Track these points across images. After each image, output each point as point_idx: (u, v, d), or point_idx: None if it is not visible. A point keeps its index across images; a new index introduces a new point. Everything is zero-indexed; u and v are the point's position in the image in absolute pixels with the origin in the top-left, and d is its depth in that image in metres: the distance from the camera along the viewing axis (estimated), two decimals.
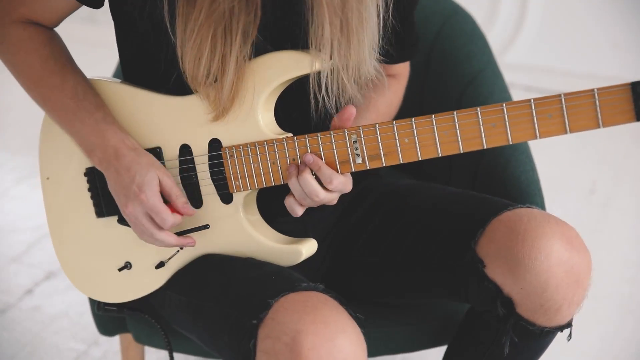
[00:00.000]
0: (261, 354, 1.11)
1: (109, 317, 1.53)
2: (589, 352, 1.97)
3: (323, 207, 1.34)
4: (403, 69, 1.45)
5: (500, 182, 1.51)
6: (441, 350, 1.46)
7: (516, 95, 3.08)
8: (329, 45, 1.18)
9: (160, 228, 1.22)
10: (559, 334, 1.30)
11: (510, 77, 2.04)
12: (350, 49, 1.19)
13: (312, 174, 1.19)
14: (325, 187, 1.19)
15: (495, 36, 3.29)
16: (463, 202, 1.36)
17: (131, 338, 1.58)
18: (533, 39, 3.30)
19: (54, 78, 1.29)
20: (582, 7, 3.18)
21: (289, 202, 1.22)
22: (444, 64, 1.71)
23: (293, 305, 1.12)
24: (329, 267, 1.40)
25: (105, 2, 1.27)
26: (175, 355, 1.63)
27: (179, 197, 1.23)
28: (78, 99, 1.28)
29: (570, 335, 1.34)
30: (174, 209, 1.22)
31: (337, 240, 1.41)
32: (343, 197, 1.39)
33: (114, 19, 1.30)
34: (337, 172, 1.19)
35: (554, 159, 2.79)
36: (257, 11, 1.16)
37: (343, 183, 1.20)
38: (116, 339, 2.00)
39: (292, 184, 1.20)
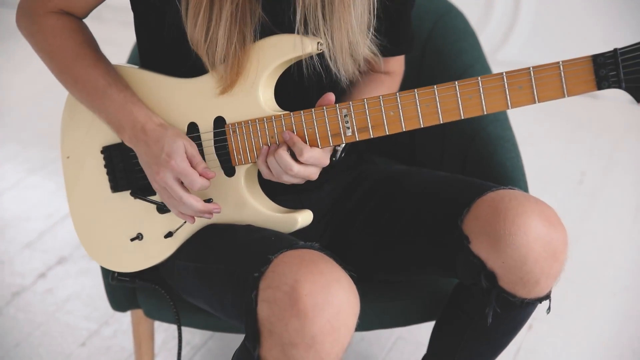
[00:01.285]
0: (262, 303, 1.18)
1: (122, 291, 1.60)
2: (573, 333, 2.04)
3: (321, 187, 1.44)
4: (398, 67, 1.53)
5: (488, 168, 1.58)
6: (430, 330, 1.54)
7: None
8: (315, 28, 1.26)
9: (188, 193, 1.30)
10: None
11: None
12: (338, 30, 1.27)
13: (288, 150, 1.27)
14: (298, 160, 1.27)
15: (489, 33, 3.33)
16: (451, 184, 1.43)
17: (142, 314, 1.66)
18: (526, 36, 3.33)
19: (87, 59, 1.38)
20: (574, 5, 3.22)
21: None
22: (437, 58, 1.77)
23: (291, 260, 1.20)
24: (326, 246, 1.46)
25: None
26: (183, 329, 1.72)
27: (200, 163, 1.30)
28: (108, 78, 1.36)
29: (549, 308, 1.42)
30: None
31: (335, 221, 1.49)
32: (340, 181, 1.49)
33: (133, 11, 1.39)
34: (318, 147, 1.27)
35: (545, 152, 2.86)
36: None
37: (316, 157, 1.27)
38: (125, 319, 2.08)
39: (270, 162, 1.28)
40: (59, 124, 1.48)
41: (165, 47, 1.37)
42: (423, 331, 1.85)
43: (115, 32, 1.46)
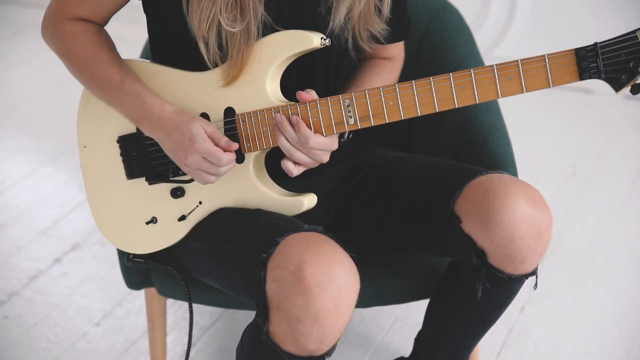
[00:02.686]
0: (270, 282, 1.27)
1: (136, 271, 1.67)
2: (563, 315, 2.10)
3: (323, 172, 1.51)
4: (398, 52, 1.60)
5: (479, 154, 1.64)
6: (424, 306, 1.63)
7: None
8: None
9: (222, 152, 1.36)
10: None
11: None
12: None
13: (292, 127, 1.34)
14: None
15: (486, 31, 3.37)
16: (444, 169, 1.50)
17: (155, 292, 1.73)
18: (522, 34, 3.36)
19: (102, 59, 1.45)
20: (567, 3, 3.26)
21: (283, 162, 1.37)
22: (433, 53, 1.84)
23: (297, 242, 1.28)
24: (328, 226, 1.54)
25: None
26: (194, 306, 1.81)
27: (221, 138, 1.36)
28: (122, 75, 1.44)
29: (536, 284, 1.50)
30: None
31: (336, 204, 1.56)
32: (341, 167, 1.56)
33: (145, 12, 1.47)
34: (323, 135, 1.34)
35: (539, 144, 2.90)
36: None
37: (323, 143, 1.34)
38: (137, 300, 2.17)
39: (281, 142, 1.35)
40: (70, 117, 1.54)
41: (175, 42, 1.44)
42: (420, 313, 1.93)
43: (126, 29, 1.53)
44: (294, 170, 1.38)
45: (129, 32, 2.80)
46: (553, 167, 2.78)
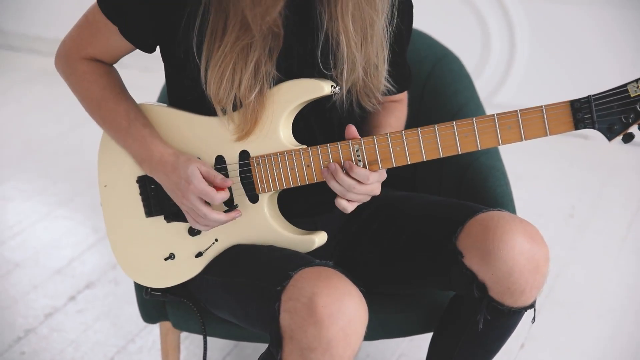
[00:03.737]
0: (284, 313, 1.33)
1: (153, 305, 1.72)
2: (562, 351, 2.14)
3: (332, 211, 1.55)
4: (403, 96, 1.68)
5: (480, 194, 1.72)
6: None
7: None
8: (352, 62, 1.41)
9: (211, 209, 1.44)
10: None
11: None
12: (370, 66, 1.43)
13: (344, 172, 1.39)
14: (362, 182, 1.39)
15: (486, 79, 3.44)
16: (447, 206, 1.57)
17: (169, 326, 1.78)
18: (520, 81, 3.42)
19: (110, 103, 1.54)
20: (564, 53, 3.34)
21: (337, 201, 1.41)
22: (435, 98, 1.92)
23: (309, 275, 1.34)
24: (337, 261, 1.58)
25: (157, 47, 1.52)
26: (208, 339, 1.85)
27: (216, 176, 1.44)
28: (129, 119, 1.51)
29: (534, 318, 1.56)
30: (217, 189, 1.45)
31: (344, 240, 1.63)
32: None
33: (163, 60, 1.54)
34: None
35: (538, 187, 2.97)
36: (279, 41, 1.39)
37: (376, 179, 1.41)
38: (149, 337, 2.22)
39: (333, 186, 1.40)
40: (84, 160, 1.62)
41: (190, 89, 1.50)
42: (423, 349, 1.95)
43: (136, 76, 1.59)
44: (349, 207, 1.43)
45: (140, 79, 2.88)
46: (552, 208, 2.84)
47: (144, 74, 3.34)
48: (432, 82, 1.95)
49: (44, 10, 4.36)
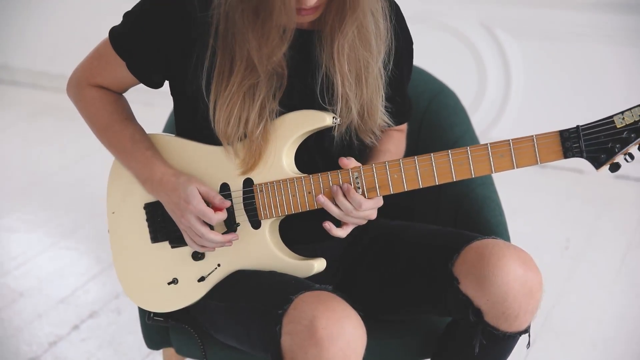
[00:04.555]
0: (286, 336, 1.37)
1: (156, 331, 1.75)
2: None
3: (331, 239, 1.58)
4: (402, 126, 1.74)
5: (475, 223, 1.76)
6: None
7: None
8: (346, 100, 1.47)
9: (208, 230, 1.49)
10: None
11: None
12: (364, 105, 1.49)
13: (344, 196, 1.45)
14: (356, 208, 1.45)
15: (483, 113, 3.51)
16: (443, 235, 1.61)
17: (172, 352, 1.80)
18: (515, 116, 3.49)
19: (116, 127, 1.60)
20: (558, 88, 3.41)
21: (331, 230, 1.47)
22: (432, 131, 1.97)
23: (310, 299, 1.39)
24: (336, 288, 1.56)
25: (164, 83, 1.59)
26: None
27: (215, 196, 1.50)
28: (134, 142, 1.58)
29: (529, 343, 1.59)
30: (215, 209, 1.50)
31: (344, 267, 1.67)
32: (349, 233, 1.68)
33: (172, 94, 1.61)
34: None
35: (534, 220, 3.02)
36: (283, 80, 1.46)
37: (372, 206, 1.47)
38: None
39: (342, 202, 1.45)
40: (87, 192, 1.66)
41: (197, 122, 1.55)
42: None
43: (138, 111, 1.64)
44: (342, 234, 1.49)
45: (143, 114, 2.95)
46: (548, 240, 2.89)
47: (146, 108, 3.39)
48: (429, 116, 2.00)
49: (48, 47, 4.44)
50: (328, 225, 1.49)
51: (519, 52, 3.45)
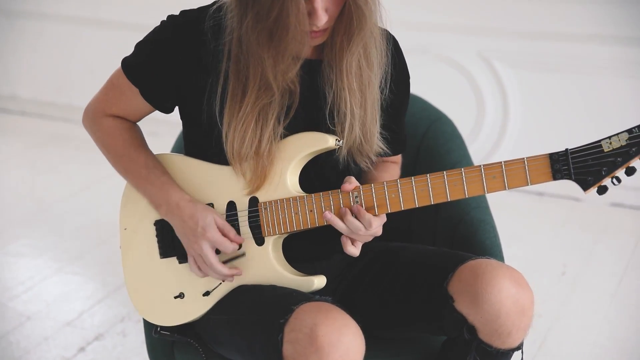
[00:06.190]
0: (287, 344, 1.43)
1: (161, 347, 1.78)
2: None
3: (331, 258, 1.68)
4: (397, 158, 1.80)
5: (471, 245, 1.81)
6: None
7: (498, 193, 3.41)
8: (350, 120, 1.53)
9: (218, 261, 1.56)
10: None
11: None
12: (365, 126, 1.55)
13: (353, 215, 1.50)
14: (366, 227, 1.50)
15: (481, 142, 3.56)
16: (439, 255, 1.66)
17: None
18: (514, 144, 3.53)
19: (131, 154, 1.67)
20: (556, 113, 3.45)
21: (346, 248, 1.52)
22: (430, 157, 2.02)
23: (310, 309, 1.44)
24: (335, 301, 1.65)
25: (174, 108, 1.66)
26: None
27: (230, 230, 1.58)
28: (148, 168, 1.64)
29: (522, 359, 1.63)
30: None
31: (343, 285, 1.72)
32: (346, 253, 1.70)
33: (182, 119, 1.67)
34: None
35: (531, 247, 3.06)
36: (295, 98, 1.52)
37: (380, 223, 1.52)
38: None
39: (350, 222, 1.50)
40: (93, 219, 1.70)
41: (205, 146, 1.62)
42: None
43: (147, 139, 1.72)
44: (356, 251, 1.55)
45: (148, 142, 3.03)
46: (544, 266, 2.93)
47: (151, 137, 3.45)
48: (427, 142, 2.06)
49: (55, 78, 4.52)
50: (344, 239, 1.54)
51: (516, 82, 3.51)
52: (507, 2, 3.40)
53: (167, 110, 1.67)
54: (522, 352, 1.62)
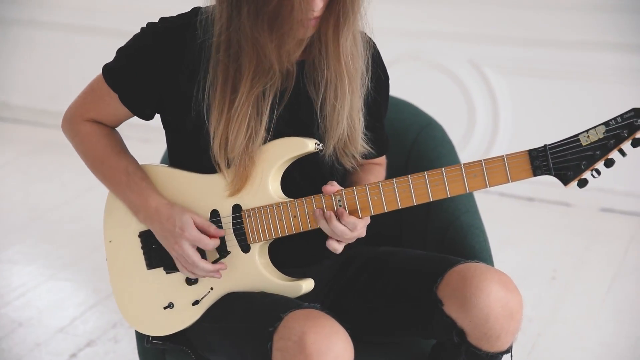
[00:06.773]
0: (277, 352, 1.43)
1: (153, 355, 1.78)
2: None
3: (320, 263, 1.68)
4: (382, 160, 1.81)
5: (461, 249, 1.81)
6: None
7: (489, 198, 3.44)
8: (338, 112, 1.54)
9: (200, 258, 1.56)
10: None
11: None
12: (353, 119, 1.56)
13: (338, 219, 1.51)
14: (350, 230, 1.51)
15: (473, 148, 3.57)
16: (428, 259, 1.67)
17: None
18: (504, 151, 3.57)
19: (111, 161, 1.66)
20: (545, 118, 3.47)
21: (328, 243, 1.53)
22: (420, 162, 2.02)
23: (299, 316, 1.45)
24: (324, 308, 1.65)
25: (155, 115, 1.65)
26: None
27: (210, 226, 1.57)
28: (128, 174, 1.63)
29: None
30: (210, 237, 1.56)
31: (333, 291, 1.72)
32: (337, 258, 1.72)
33: (165, 127, 1.67)
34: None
35: (522, 252, 3.07)
36: (291, 81, 1.53)
37: (364, 225, 1.53)
38: None
39: (335, 226, 1.50)
40: (85, 226, 1.69)
41: (189, 154, 1.63)
42: None
43: (135, 147, 1.68)
44: (339, 248, 1.55)
45: (140, 150, 3.02)
46: (535, 271, 2.94)
47: (144, 144, 3.46)
48: (417, 147, 2.07)
49: (49, 86, 4.52)
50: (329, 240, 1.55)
51: (506, 89, 3.53)
52: (498, 9, 3.42)
53: (147, 117, 1.67)
54: (511, 355, 1.63)
